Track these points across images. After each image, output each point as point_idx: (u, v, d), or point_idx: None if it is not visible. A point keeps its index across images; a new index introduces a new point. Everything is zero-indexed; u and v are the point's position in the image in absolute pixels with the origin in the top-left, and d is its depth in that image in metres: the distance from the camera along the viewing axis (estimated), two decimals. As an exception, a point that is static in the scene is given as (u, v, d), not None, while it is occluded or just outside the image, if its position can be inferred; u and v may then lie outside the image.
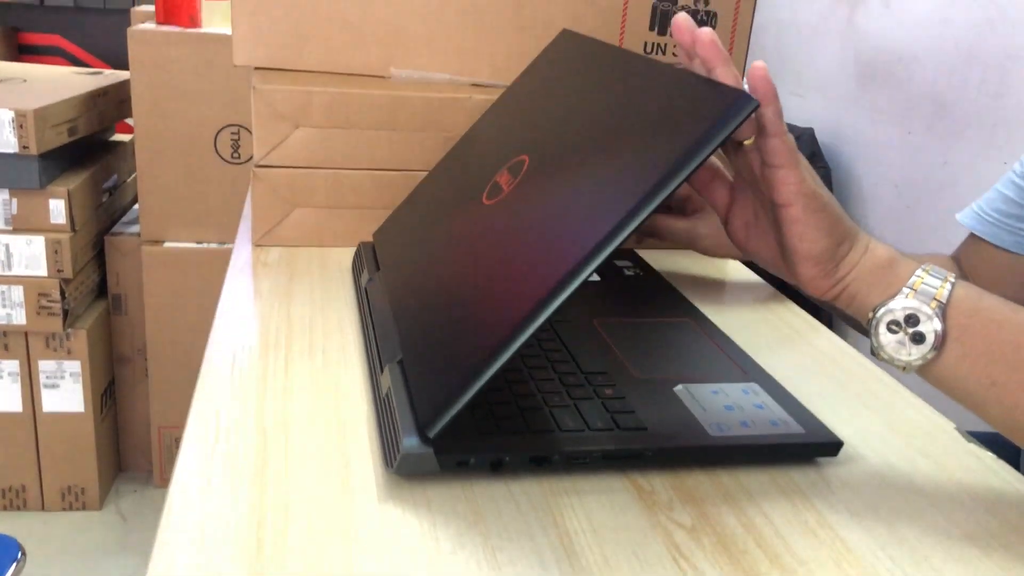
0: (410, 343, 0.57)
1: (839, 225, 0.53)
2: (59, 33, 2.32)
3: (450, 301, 0.57)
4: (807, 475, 0.55)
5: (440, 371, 0.52)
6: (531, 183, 0.58)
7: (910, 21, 1.74)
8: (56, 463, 1.74)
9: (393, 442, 0.51)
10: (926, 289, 0.51)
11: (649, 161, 0.49)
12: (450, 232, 0.65)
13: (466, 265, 0.58)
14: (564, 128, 0.63)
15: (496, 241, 0.57)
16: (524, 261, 0.52)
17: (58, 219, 1.58)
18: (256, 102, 0.81)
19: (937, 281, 0.51)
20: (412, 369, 0.54)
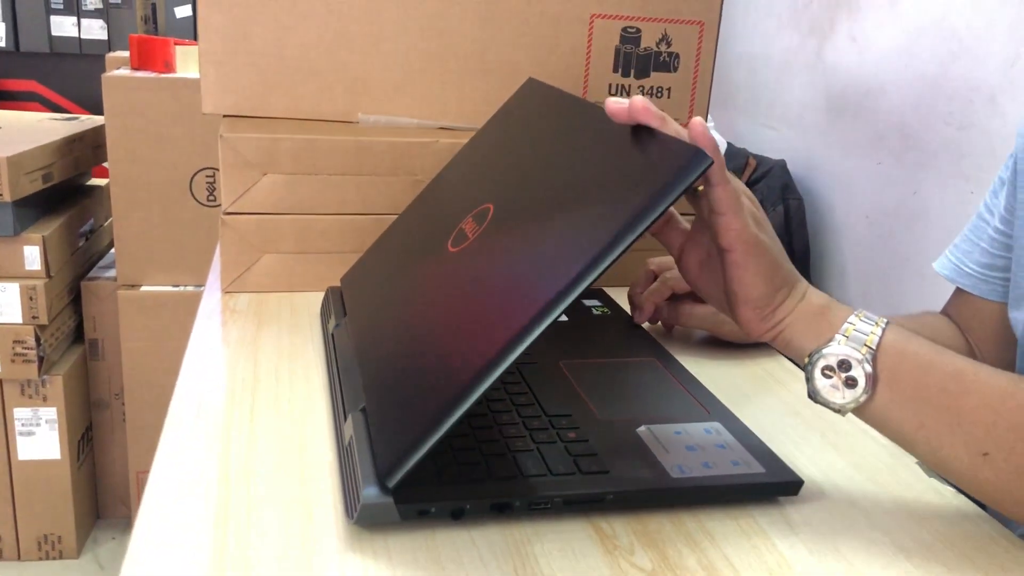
0: (373, 391, 0.57)
1: (778, 272, 0.55)
2: (35, 79, 2.33)
3: (413, 349, 0.57)
4: (769, 514, 0.55)
5: (401, 420, 0.52)
6: (495, 231, 0.59)
7: (876, 55, 1.77)
8: (32, 511, 1.72)
9: (354, 492, 0.51)
10: (857, 335, 0.53)
11: (610, 214, 0.50)
12: (415, 279, 0.66)
13: (430, 313, 0.59)
14: (528, 178, 0.63)
15: (460, 289, 0.57)
16: (486, 309, 0.52)
17: (33, 266, 1.58)
18: (223, 150, 0.82)
19: (868, 327, 0.54)
20: (374, 417, 0.54)
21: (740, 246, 0.53)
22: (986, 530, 0.56)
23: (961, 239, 0.87)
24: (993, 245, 0.83)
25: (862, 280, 1.81)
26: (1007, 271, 0.81)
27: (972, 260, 0.85)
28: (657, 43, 0.92)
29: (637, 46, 0.92)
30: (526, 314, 0.48)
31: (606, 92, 0.92)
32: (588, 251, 0.48)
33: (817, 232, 1.96)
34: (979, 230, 0.85)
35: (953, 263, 0.87)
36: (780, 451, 0.59)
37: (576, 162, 0.59)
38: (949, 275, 0.87)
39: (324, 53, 0.87)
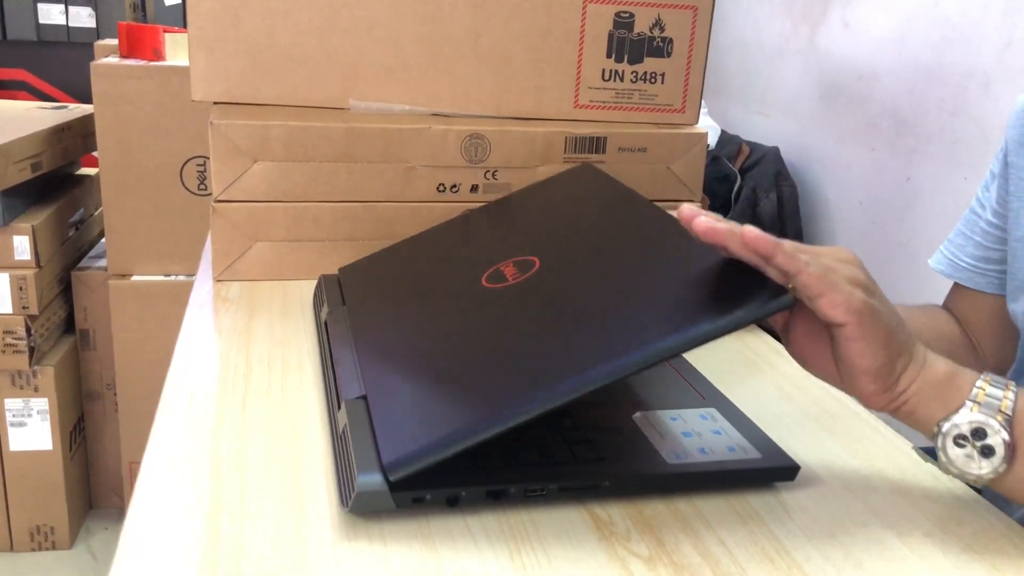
0: (379, 384, 0.57)
1: (895, 338, 0.52)
2: (23, 67, 2.31)
3: (440, 360, 0.59)
4: (765, 500, 0.55)
5: (419, 421, 0.53)
6: (542, 284, 0.61)
7: (869, 41, 1.77)
8: (24, 502, 1.71)
9: (348, 480, 0.50)
10: (990, 401, 0.51)
11: (675, 319, 0.51)
12: (441, 297, 0.68)
13: (464, 333, 0.61)
14: (580, 248, 0.66)
15: (502, 322, 0.60)
16: (536, 352, 0.54)
17: (23, 255, 1.57)
18: (214, 137, 0.81)
19: (999, 392, 0.51)
20: (380, 409, 0.54)
21: (852, 318, 0.50)
22: (984, 515, 0.56)
23: (955, 234, 0.87)
24: (986, 238, 0.82)
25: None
26: (1002, 263, 0.80)
27: (966, 254, 0.84)
28: (650, 28, 0.91)
29: (631, 31, 0.91)
30: (580, 372, 0.50)
31: (600, 77, 0.92)
32: (644, 347, 0.49)
33: (810, 219, 1.96)
34: (972, 224, 0.85)
35: (947, 258, 0.86)
36: (775, 436, 0.59)
37: (642, 258, 0.61)
38: (944, 270, 0.86)
39: (315, 39, 0.86)
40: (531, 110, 0.92)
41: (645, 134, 0.91)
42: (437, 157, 0.86)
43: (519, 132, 0.88)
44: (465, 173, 0.87)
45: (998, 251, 0.81)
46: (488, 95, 0.91)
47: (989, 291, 0.83)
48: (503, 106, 0.91)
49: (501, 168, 0.88)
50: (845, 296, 0.49)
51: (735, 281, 0.52)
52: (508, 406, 0.49)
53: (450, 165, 0.87)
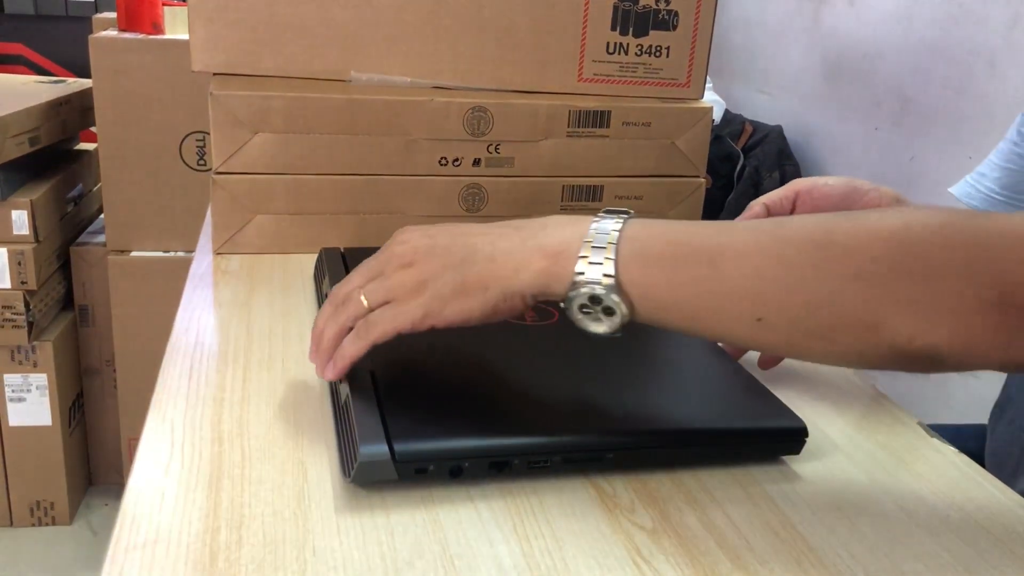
0: (389, 362, 0.57)
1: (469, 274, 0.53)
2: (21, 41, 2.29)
3: (455, 360, 0.60)
4: (769, 473, 0.55)
5: (431, 405, 0.54)
6: (564, 337, 0.64)
7: (874, 18, 1.75)
8: (24, 478, 1.72)
9: (351, 450, 0.50)
10: (594, 268, 0.49)
11: (697, 418, 0.57)
12: None
13: (481, 346, 0.62)
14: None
15: (521, 352, 0.62)
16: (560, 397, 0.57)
17: (21, 230, 1.56)
18: (214, 108, 0.80)
19: (602, 253, 0.49)
20: (389, 384, 0.55)
21: (414, 326, 0.53)
22: (989, 489, 0.55)
23: (983, 165, 0.83)
24: (1018, 164, 0.79)
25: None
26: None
27: (991, 180, 0.81)
28: (656, 1, 0.90)
29: (635, 3, 0.90)
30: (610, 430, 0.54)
31: (604, 50, 0.91)
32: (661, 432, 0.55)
33: (812, 199, 1.95)
34: (1006, 154, 0.80)
35: (969, 183, 0.83)
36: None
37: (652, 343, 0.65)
38: (959, 194, 0.84)
39: (316, 10, 0.85)
40: (534, 83, 0.91)
41: (650, 108, 0.90)
42: (439, 130, 0.85)
43: (522, 105, 0.87)
44: (467, 146, 0.86)
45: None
46: (491, 68, 0.90)
47: None
48: (506, 79, 0.90)
49: (504, 142, 0.87)
50: (382, 330, 0.51)
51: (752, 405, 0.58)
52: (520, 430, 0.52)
53: (452, 138, 0.86)
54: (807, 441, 0.56)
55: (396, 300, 0.51)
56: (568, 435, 0.53)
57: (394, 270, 0.52)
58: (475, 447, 0.51)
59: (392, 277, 0.52)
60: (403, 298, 0.51)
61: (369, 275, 0.53)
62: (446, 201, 0.87)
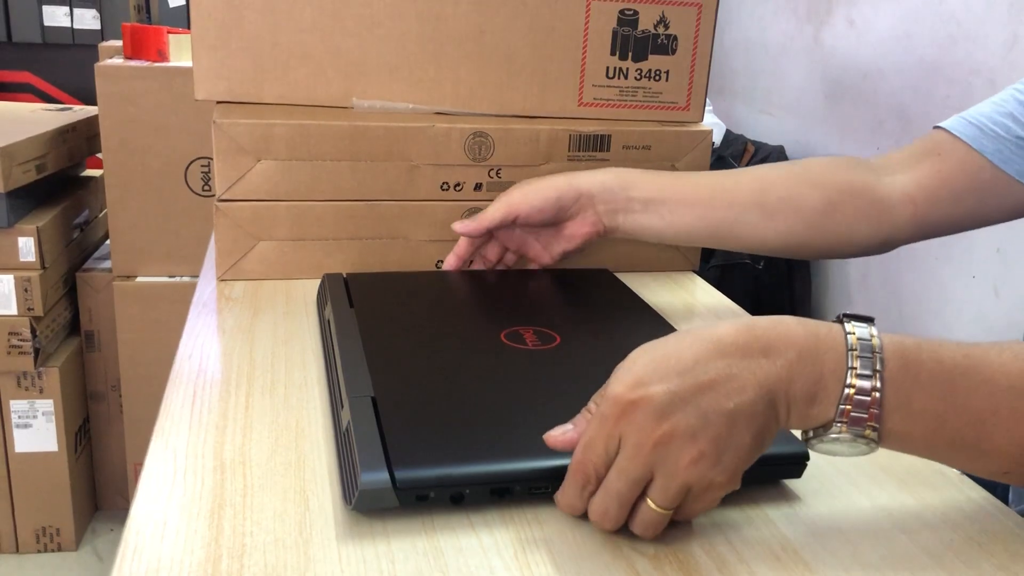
0: (391, 389, 0.58)
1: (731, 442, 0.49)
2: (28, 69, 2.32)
3: (460, 386, 0.61)
4: (771, 498, 0.55)
5: (433, 431, 0.54)
6: (565, 360, 0.65)
7: (874, 38, 1.76)
8: (30, 504, 1.72)
9: (352, 477, 0.50)
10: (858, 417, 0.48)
11: None
12: (457, 331, 0.71)
13: (484, 371, 0.63)
14: (603, 340, 0.70)
15: (524, 377, 0.63)
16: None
17: (27, 257, 1.57)
18: (217, 137, 0.81)
19: (866, 395, 0.47)
20: (391, 411, 0.55)
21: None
22: (992, 512, 0.55)
23: (985, 106, 0.80)
24: (1020, 111, 0.76)
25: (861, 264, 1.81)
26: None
27: (980, 112, 0.78)
28: (655, 25, 0.91)
29: (635, 28, 0.91)
30: None
31: (604, 75, 0.91)
32: None
33: (815, 218, 1.95)
34: (1006, 99, 0.78)
35: (960, 116, 0.79)
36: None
37: None
38: (949, 124, 0.79)
39: (318, 38, 0.86)
40: (535, 108, 0.91)
41: (649, 132, 0.91)
42: (441, 155, 0.86)
43: (523, 130, 0.87)
44: (469, 171, 0.87)
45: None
46: (492, 93, 0.90)
47: (986, 152, 0.76)
48: (506, 104, 0.91)
49: (505, 166, 0.88)
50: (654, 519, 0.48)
51: None
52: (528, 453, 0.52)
53: (454, 163, 0.86)
54: (808, 464, 0.56)
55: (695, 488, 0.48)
56: (567, 460, 0.53)
57: (674, 463, 0.47)
58: (476, 473, 0.51)
59: (678, 473, 0.47)
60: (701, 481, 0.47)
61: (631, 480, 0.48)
62: (448, 226, 0.88)
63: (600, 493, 0.48)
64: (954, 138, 0.78)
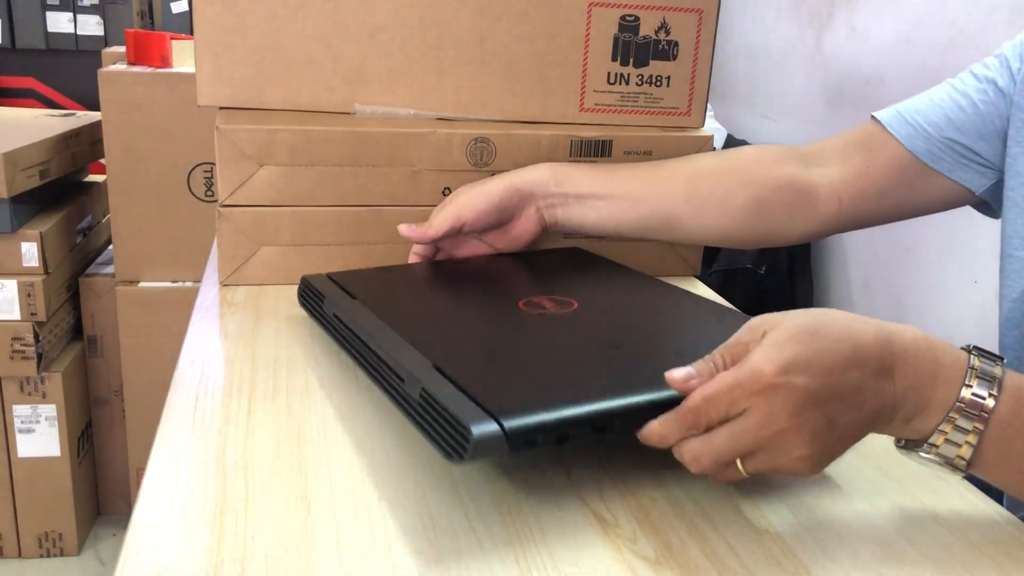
0: (447, 355, 0.58)
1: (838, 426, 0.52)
2: (32, 75, 2.32)
3: (510, 348, 0.62)
4: (771, 503, 0.55)
5: (517, 382, 0.56)
6: (588, 321, 0.66)
7: (876, 44, 1.77)
8: (32, 509, 1.72)
9: (453, 435, 0.49)
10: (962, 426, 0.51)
11: None
12: (476, 306, 0.73)
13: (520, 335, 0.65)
14: (620, 304, 0.73)
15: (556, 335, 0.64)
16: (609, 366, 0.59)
17: (31, 262, 1.57)
18: (220, 142, 0.81)
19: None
20: (462, 373, 0.55)
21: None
22: (997, 520, 0.55)
23: (921, 102, 0.81)
24: (953, 112, 0.78)
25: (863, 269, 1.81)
26: (958, 143, 0.78)
27: (918, 112, 0.79)
28: (656, 31, 0.91)
29: (636, 34, 0.91)
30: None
31: (605, 80, 0.92)
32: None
33: (817, 223, 1.95)
34: (943, 99, 0.79)
35: (895, 111, 0.81)
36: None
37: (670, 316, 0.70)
38: (883, 118, 0.81)
39: (320, 44, 0.87)
40: (536, 113, 0.92)
41: (651, 137, 0.91)
42: (442, 161, 0.86)
43: (524, 135, 0.88)
44: (470, 176, 0.87)
45: (959, 136, 0.78)
46: (493, 99, 0.91)
47: (909, 146, 0.79)
48: (508, 110, 0.91)
49: (506, 171, 0.88)
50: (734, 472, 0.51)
51: None
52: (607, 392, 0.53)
53: (455, 168, 0.87)
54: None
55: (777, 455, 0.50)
56: (661, 395, 0.53)
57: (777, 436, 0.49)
58: (576, 415, 0.51)
59: (782, 461, 0.50)
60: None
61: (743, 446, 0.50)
62: (450, 231, 0.88)
63: (702, 441, 0.50)
64: (886, 133, 0.80)
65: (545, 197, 0.81)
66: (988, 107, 0.77)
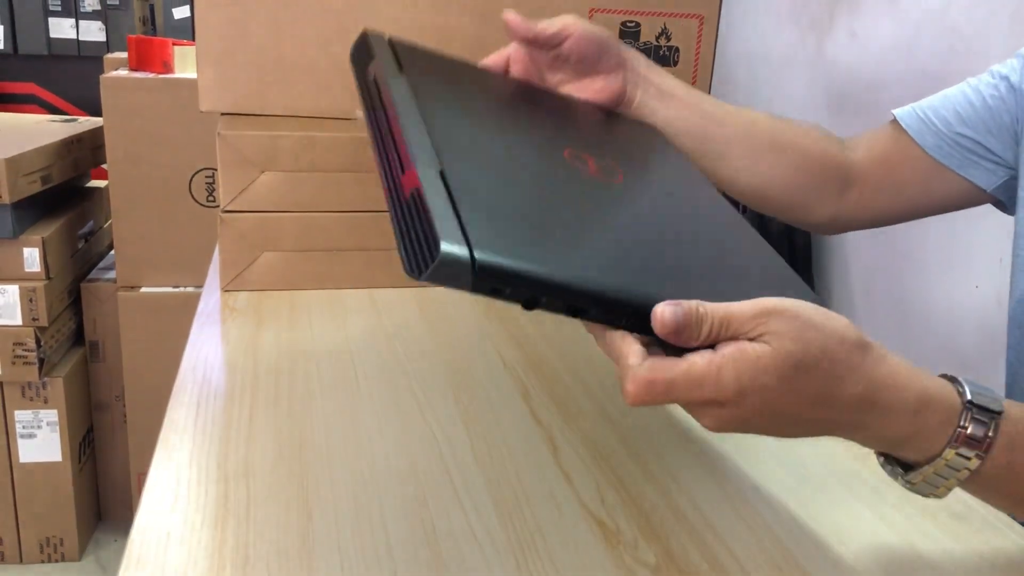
0: (460, 167, 0.51)
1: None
2: (34, 81, 2.33)
3: (537, 182, 0.55)
4: (772, 507, 0.55)
5: (516, 219, 0.49)
6: (629, 195, 0.59)
7: (877, 50, 1.77)
8: (34, 514, 1.72)
9: (421, 247, 0.44)
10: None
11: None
12: (522, 132, 0.64)
13: (560, 176, 0.57)
14: (664, 184, 0.65)
15: (598, 198, 0.57)
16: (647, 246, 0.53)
17: (32, 267, 1.58)
18: (222, 148, 0.81)
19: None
20: (464, 189, 0.48)
21: None
22: (993, 523, 0.55)
23: (937, 99, 0.81)
24: (967, 111, 0.78)
25: (865, 276, 1.81)
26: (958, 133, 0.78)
27: (931, 108, 0.80)
28: (657, 37, 0.91)
29: (636, 40, 0.91)
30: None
31: (606, 87, 0.92)
32: None
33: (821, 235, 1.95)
34: (956, 94, 0.80)
35: (912, 107, 0.81)
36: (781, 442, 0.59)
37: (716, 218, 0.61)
38: (900, 114, 0.81)
39: (322, 50, 0.87)
40: (538, 120, 0.92)
41: (652, 143, 0.91)
42: (444, 167, 0.86)
43: (526, 142, 0.87)
44: (472, 183, 0.87)
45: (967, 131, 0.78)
46: (495, 105, 0.91)
47: (930, 150, 0.78)
48: (510, 116, 0.91)
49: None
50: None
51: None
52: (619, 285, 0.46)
53: (457, 175, 0.87)
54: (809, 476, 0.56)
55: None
56: (654, 302, 0.47)
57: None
58: (559, 283, 0.45)
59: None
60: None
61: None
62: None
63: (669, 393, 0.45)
64: (901, 129, 0.81)
65: (635, 71, 0.76)
66: (996, 102, 0.77)
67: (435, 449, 0.59)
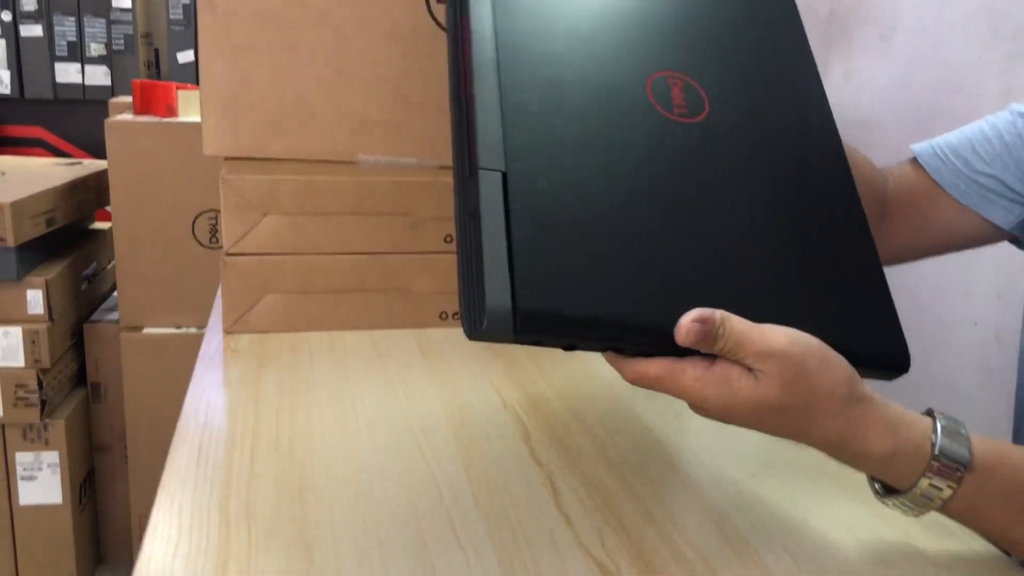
0: (527, 163, 0.48)
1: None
2: (40, 125, 2.36)
3: (613, 179, 0.51)
4: (775, 552, 0.55)
5: (571, 253, 0.46)
6: (715, 147, 0.56)
7: (871, 89, 1.79)
8: (34, 557, 1.71)
9: (472, 299, 0.45)
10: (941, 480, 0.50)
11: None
12: (604, 90, 0.56)
13: (643, 171, 0.53)
14: (751, 108, 0.60)
15: (687, 187, 0.53)
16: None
17: (36, 309, 1.58)
18: (225, 192, 0.83)
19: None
20: (524, 203, 0.46)
21: None
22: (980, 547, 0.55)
23: (954, 136, 0.81)
24: (982, 147, 0.78)
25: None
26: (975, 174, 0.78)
27: (949, 145, 0.80)
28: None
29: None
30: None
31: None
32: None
33: (818, 265, 1.95)
34: (974, 131, 0.80)
35: (930, 144, 0.81)
36: (773, 451, 0.59)
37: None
38: (919, 150, 0.81)
39: (324, 95, 0.88)
40: (536, 162, 0.93)
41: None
42: (444, 208, 0.87)
43: (525, 184, 0.89)
44: (472, 224, 0.88)
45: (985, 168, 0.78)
46: (494, 148, 0.92)
47: (949, 190, 0.79)
48: (509, 158, 0.92)
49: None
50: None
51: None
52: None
53: (457, 217, 0.88)
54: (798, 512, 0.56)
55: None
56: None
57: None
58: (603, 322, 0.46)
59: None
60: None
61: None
62: (452, 278, 0.89)
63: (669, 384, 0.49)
64: (919, 165, 0.81)
65: None
66: (1013, 138, 0.77)
67: (435, 491, 0.59)
